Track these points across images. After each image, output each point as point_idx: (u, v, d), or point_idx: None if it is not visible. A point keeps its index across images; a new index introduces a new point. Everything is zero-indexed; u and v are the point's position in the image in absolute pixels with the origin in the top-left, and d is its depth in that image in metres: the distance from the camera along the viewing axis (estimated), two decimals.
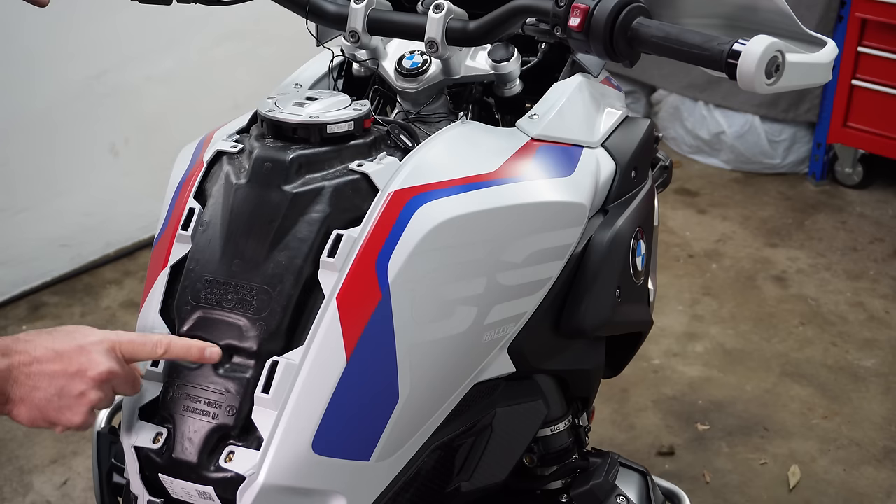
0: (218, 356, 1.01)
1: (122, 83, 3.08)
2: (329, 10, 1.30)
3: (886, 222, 3.43)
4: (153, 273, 1.12)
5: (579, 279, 1.22)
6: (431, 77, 1.28)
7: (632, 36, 1.07)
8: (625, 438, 2.41)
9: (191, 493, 1.01)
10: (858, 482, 2.26)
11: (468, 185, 1.08)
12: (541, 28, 1.15)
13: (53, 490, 2.29)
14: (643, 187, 1.33)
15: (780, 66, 0.99)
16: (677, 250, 3.27)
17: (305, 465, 0.99)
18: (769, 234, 3.37)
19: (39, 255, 3.06)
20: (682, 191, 3.68)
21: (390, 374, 1.02)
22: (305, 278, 1.02)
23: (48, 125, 2.95)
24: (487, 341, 1.12)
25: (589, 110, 1.28)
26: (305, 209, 1.04)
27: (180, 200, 1.14)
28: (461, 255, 1.06)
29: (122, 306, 3.01)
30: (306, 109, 1.10)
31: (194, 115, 3.07)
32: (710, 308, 2.95)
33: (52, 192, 3.03)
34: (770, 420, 2.47)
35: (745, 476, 2.28)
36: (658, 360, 2.69)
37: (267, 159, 1.06)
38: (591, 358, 1.35)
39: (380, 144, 1.12)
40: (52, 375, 0.95)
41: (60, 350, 0.96)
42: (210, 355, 1.01)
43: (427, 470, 1.13)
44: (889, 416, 2.48)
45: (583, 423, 1.46)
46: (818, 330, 2.84)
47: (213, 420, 1.00)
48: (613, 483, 1.38)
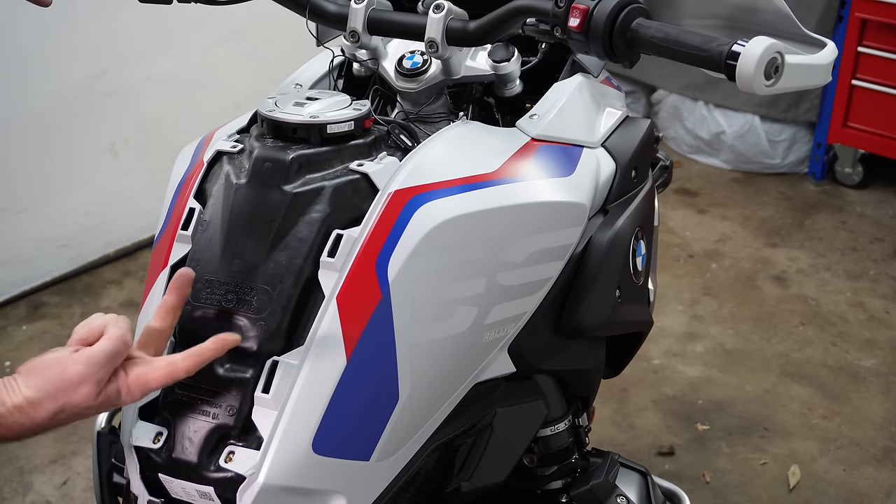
0: (236, 338, 1.00)
1: (121, 83, 3.08)
2: (329, 9, 1.30)
3: (886, 222, 3.43)
4: (153, 273, 1.13)
5: (579, 279, 1.22)
6: (431, 77, 1.29)
7: (631, 37, 1.07)
8: (625, 438, 2.41)
9: (191, 493, 1.01)
10: (858, 482, 2.26)
11: (468, 185, 1.08)
12: (541, 28, 1.15)
13: (53, 490, 2.29)
14: (643, 187, 1.33)
15: (780, 67, 0.99)
16: (677, 250, 3.27)
17: (305, 465, 0.99)
18: (769, 234, 3.37)
19: (39, 255, 3.06)
20: (682, 191, 3.68)
21: (390, 374, 1.03)
22: (305, 278, 1.02)
23: (48, 125, 2.96)
24: (487, 341, 1.12)
25: (589, 110, 1.28)
26: (305, 209, 1.04)
27: (180, 200, 1.14)
28: (461, 255, 1.07)
29: (122, 306, 3.01)
30: (306, 109, 1.10)
31: (194, 115, 3.07)
32: (710, 308, 2.95)
33: (51, 191, 3.03)
34: (770, 420, 2.47)
35: (745, 476, 2.29)
36: (658, 360, 2.69)
37: (267, 159, 1.06)
38: (591, 358, 1.35)
39: (380, 144, 1.13)
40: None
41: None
42: (231, 340, 1.00)
43: (427, 470, 1.13)
44: (889, 416, 2.48)
45: (583, 423, 1.46)
46: (818, 330, 2.84)
47: (213, 420, 1.00)
48: (613, 483, 1.38)
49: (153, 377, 0.97)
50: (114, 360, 0.95)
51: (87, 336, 0.96)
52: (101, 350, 0.94)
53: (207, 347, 0.98)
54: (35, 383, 0.92)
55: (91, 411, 0.94)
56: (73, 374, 0.92)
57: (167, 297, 1.01)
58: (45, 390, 0.92)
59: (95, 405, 0.94)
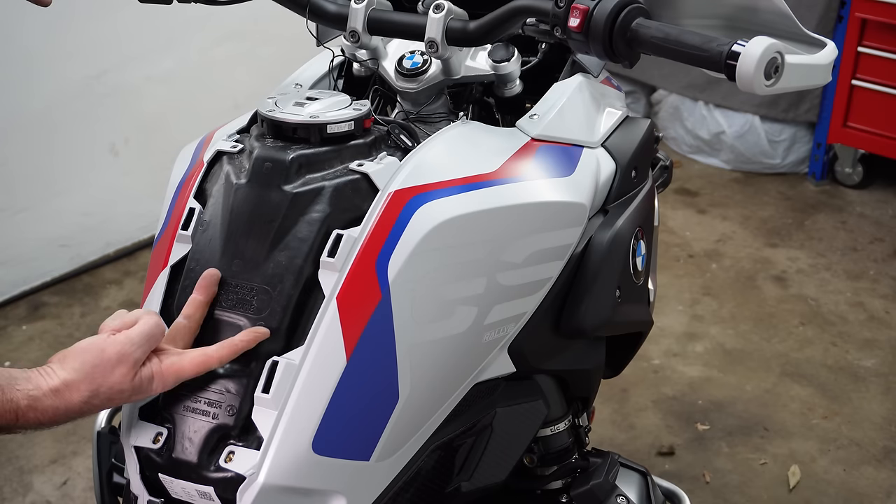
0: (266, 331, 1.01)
1: (121, 83, 3.08)
2: (329, 9, 1.30)
3: (886, 222, 3.43)
4: (153, 273, 1.13)
5: (579, 279, 1.22)
6: (431, 77, 1.29)
7: (631, 37, 1.07)
8: (625, 438, 2.41)
9: (191, 493, 1.01)
10: (858, 482, 2.27)
11: (468, 185, 1.08)
12: (541, 28, 1.15)
13: (53, 490, 2.29)
14: (643, 187, 1.33)
15: (780, 67, 0.99)
16: (677, 250, 3.27)
17: (305, 465, 0.99)
18: (769, 234, 3.37)
19: (39, 255, 3.06)
20: (682, 191, 3.68)
21: (390, 374, 1.02)
22: (305, 278, 1.02)
23: (47, 125, 2.96)
24: (487, 341, 1.12)
25: (589, 110, 1.28)
26: (305, 209, 1.04)
27: (180, 200, 1.14)
28: (461, 255, 1.06)
29: (122, 306, 3.01)
30: (306, 109, 1.10)
31: (194, 115, 3.07)
32: (710, 308, 2.95)
33: (51, 191, 3.04)
34: (770, 420, 2.47)
35: (745, 476, 2.29)
36: (658, 360, 2.69)
37: (267, 159, 1.06)
38: (591, 358, 1.35)
39: (380, 144, 1.12)
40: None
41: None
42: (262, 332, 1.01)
43: (427, 470, 1.13)
44: (889, 416, 2.48)
45: (583, 423, 1.46)
46: (818, 330, 2.84)
47: (213, 420, 1.00)
48: (613, 483, 1.38)
49: (186, 366, 0.99)
50: (150, 342, 0.98)
51: (119, 326, 0.99)
52: (138, 331, 0.97)
53: (241, 339, 1.00)
54: (72, 365, 0.94)
55: (125, 395, 0.96)
56: (112, 353, 0.95)
57: (195, 294, 1.04)
58: (84, 371, 0.93)
59: (130, 388, 0.96)
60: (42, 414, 0.92)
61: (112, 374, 0.94)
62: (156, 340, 0.99)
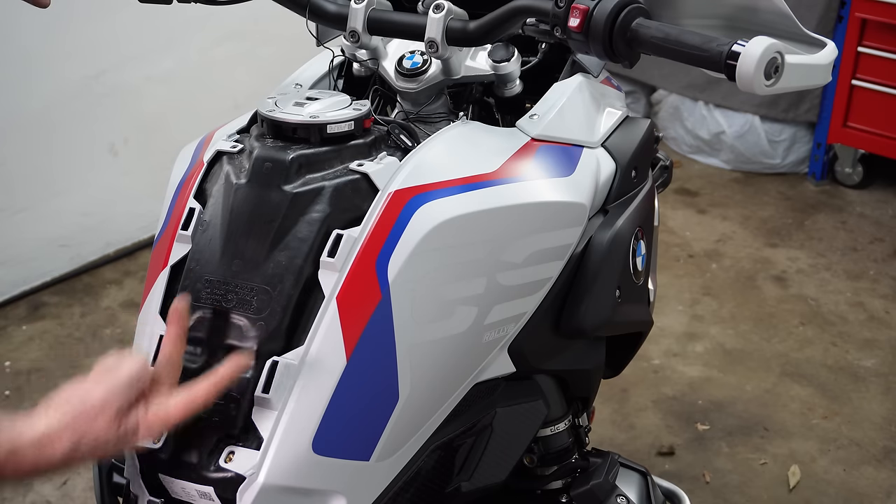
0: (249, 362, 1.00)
1: (121, 83, 3.08)
2: (329, 9, 1.30)
3: (886, 222, 3.43)
4: (153, 273, 1.12)
5: (579, 279, 1.22)
6: (431, 77, 1.28)
7: (631, 37, 1.07)
8: (625, 438, 2.41)
9: (191, 493, 1.01)
10: (858, 482, 2.26)
11: (468, 185, 1.08)
12: (541, 28, 1.15)
13: (53, 490, 2.29)
14: (643, 187, 1.33)
15: (780, 67, 0.99)
16: (677, 250, 3.27)
17: (305, 465, 0.99)
18: (769, 234, 3.37)
19: (39, 255, 3.06)
20: (682, 191, 3.68)
21: (390, 374, 1.02)
22: (305, 278, 1.02)
23: (47, 125, 2.95)
24: (487, 341, 1.12)
25: (589, 110, 1.28)
26: (305, 209, 1.04)
27: (180, 200, 1.14)
28: (461, 255, 1.06)
29: (122, 306, 3.01)
30: (306, 109, 1.10)
31: (194, 115, 3.07)
32: (710, 308, 2.95)
33: (51, 192, 3.03)
34: (770, 420, 2.47)
35: (745, 476, 2.28)
36: (658, 360, 2.69)
37: (267, 159, 1.06)
38: (591, 358, 1.35)
39: (380, 144, 1.12)
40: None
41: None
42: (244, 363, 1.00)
43: (427, 470, 1.13)
44: (889, 416, 2.48)
45: (583, 423, 1.46)
46: (818, 330, 2.84)
47: (212, 420, 1.00)
48: (613, 483, 1.38)
49: (173, 412, 0.97)
50: (135, 387, 0.95)
51: (107, 370, 0.96)
52: (121, 374, 0.95)
53: (224, 372, 0.98)
54: (55, 415, 0.92)
55: (109, 446, 0.94)
56: (95, 399, 0.93)
57: (169, 328, 1.01)
58: (65, 420, 0.91)
59: (114, 438, 0.94)
60: (23, 468, 0.90)
61: (95, 423, 0.92)
62: (140, 381, 0.96)
